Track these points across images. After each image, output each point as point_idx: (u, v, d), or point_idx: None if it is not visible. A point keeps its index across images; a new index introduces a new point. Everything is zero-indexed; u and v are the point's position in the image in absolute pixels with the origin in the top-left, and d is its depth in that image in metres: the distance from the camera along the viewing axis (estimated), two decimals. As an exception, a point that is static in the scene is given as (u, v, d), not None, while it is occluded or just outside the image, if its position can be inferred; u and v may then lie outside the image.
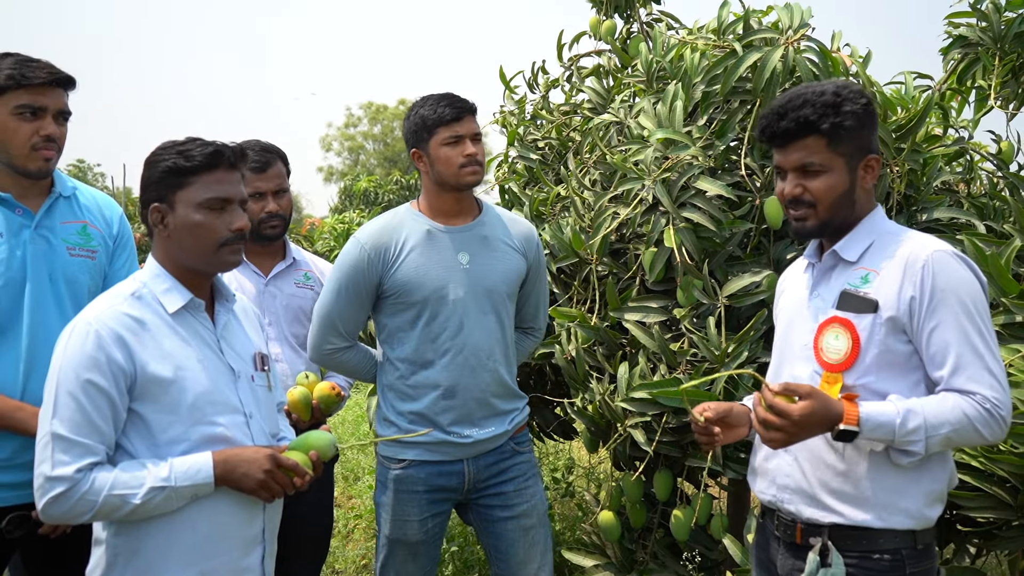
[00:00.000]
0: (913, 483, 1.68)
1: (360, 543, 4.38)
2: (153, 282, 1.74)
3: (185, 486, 1.63)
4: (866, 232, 1.78)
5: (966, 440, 1.63)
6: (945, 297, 1.64)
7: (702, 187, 2.69)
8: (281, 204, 2.65)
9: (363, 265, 2.33)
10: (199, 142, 1.73)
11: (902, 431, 1.60)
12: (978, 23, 3.16)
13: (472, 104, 2.36)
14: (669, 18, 3.90)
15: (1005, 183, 3.09)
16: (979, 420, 1.60)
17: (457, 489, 2.40)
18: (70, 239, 2.17)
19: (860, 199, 1.79)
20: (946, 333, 1.64)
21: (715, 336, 2.55)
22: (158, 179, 1.71)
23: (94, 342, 1.61)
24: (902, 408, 1.61)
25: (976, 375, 1.62)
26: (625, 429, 2.63)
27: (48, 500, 1.58)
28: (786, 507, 1.81)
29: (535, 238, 2.51)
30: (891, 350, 1.68)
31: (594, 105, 3.62)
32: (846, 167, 1.74)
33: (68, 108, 2.12)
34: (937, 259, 1.67)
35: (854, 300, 1.73)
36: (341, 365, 2.46)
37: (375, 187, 19.54)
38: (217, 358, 1.76)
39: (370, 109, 42.01)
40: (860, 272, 1.75)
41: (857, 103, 1.73)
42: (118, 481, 1.59)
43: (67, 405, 1.59)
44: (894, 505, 1.68)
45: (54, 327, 2.04)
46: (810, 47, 2.74)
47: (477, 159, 2.32)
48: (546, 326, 2.68)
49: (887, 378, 1.69)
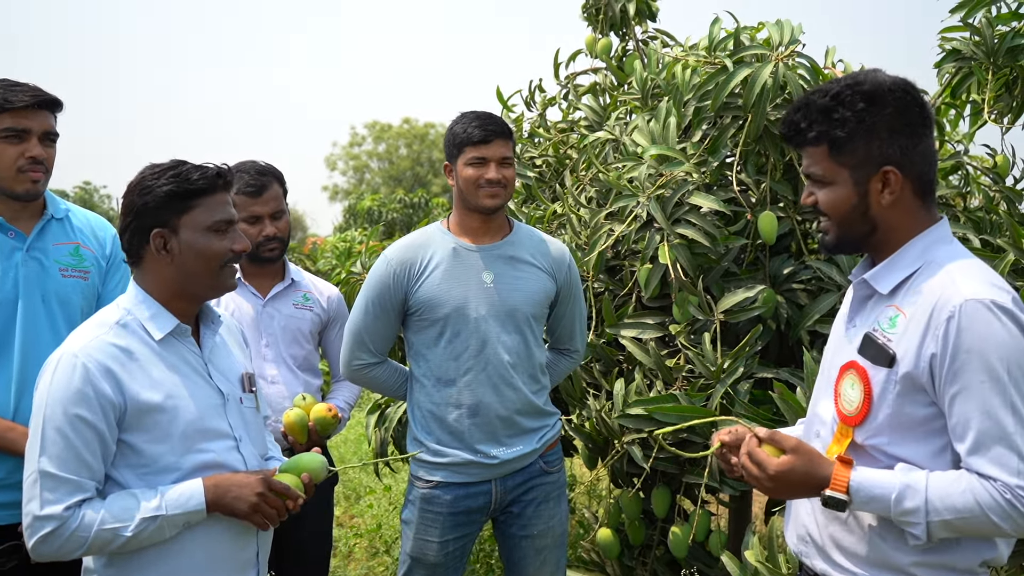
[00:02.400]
0: (934, 555, 1.45)
1: (361, 562, 4.37)
2: (137, 309, 1.70)
3: (177, 514, 1.61)
4: (912, 258, 1.50)
5: (979, 530, 1.39)
6: (970, 359, 1.37)
7: (696, 203, 2.69)
8: (279, 227, 2.63)
9: (389, 281, 2.35)
10: (191, 165, 1.72)
11: (897, 509, 1.39)
12: (971, 37, 3.17)
13: (505, 127, 2.36)
14: (664, 36, 3.93)
15: (1001, 197, 3.09)
16: (996, 511, 1.35)
17: (484, 510, 2.40)
18: (62, 260, 2.19)
19: (888, 216, 1.50)
20: (967, 404, 1.37)
21: (711, 352, 2.55)
22: (159, 204, 1.67)
23: (81, 375, 1.57)
24: (901, 483, 1.39)
25: (1000, 457, 1.35)
26: (622, 445, 2.62)
27: (38, 539, 1.56)
28: (806, 560, 1.63)
29: (566, 260, 2.48)
30: (907, 411, 1.45)
31: (590, 122, 3.64)
32: (852, 179, 1.50)
33: (55, 130, 2.15)
34: (968, 310, 1.37)
35: (873, 347, 1.49)
36: (371, 381, 2.48)
37: (379, 206, 19.62)
38: (206, 383, 1.75)
39: (374, 128, 42.27)
40: (891, 311, 1.49)
41: (854, 107, 1.47)
42: (108, 515, 1.57)
43: (54, 441, 1.56)
44: (910, 569, 1.46)
45: (47, 348, 2.02)
46: (801, 63, 2.76)
47: (499, 183, 2.33)
48: (585, 347, 2.64)
49: (902, 442, 1.46)
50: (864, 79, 1.50)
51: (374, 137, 42.52)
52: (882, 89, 1.48)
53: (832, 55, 3.00)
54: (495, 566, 4.06)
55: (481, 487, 2.37)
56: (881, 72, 1.54)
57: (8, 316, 2.10)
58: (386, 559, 4.36)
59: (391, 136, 42.25)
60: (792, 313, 2.72)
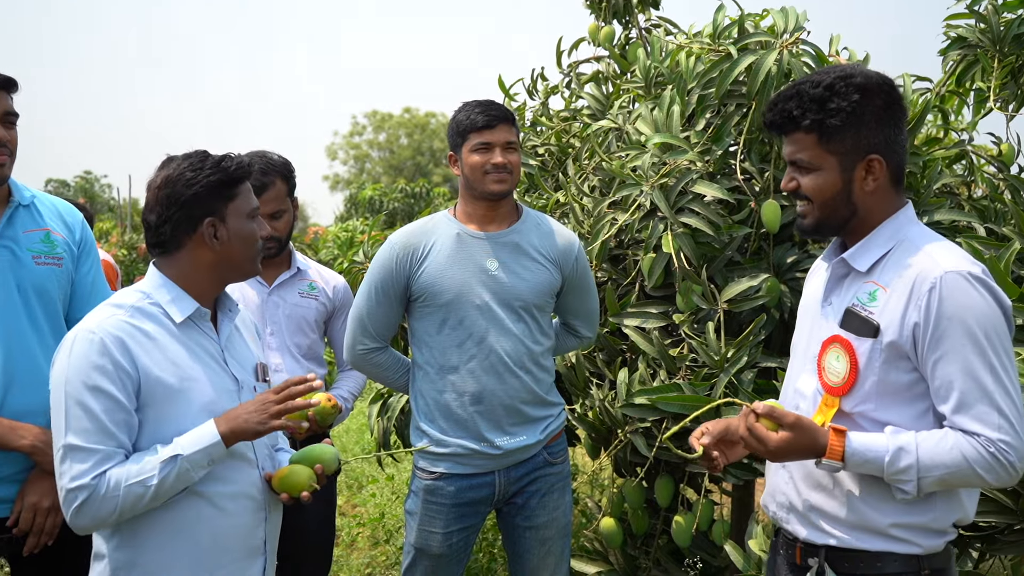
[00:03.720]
0: (911, 512, 1.56)
1: (364, 552, 4.38)
2: (158, 292, 1.72)
3: (195, 452, 1.61)
4: (885, 238, 1.61)
5: (966, 483, 1.50)
6: (951, 326, 1.48)
7: (700, 191, 2.68)
8: (278, 226, 2.64)
9: (392, 265, 2.36)
10: (220, 155, 1.77)
11: (891, 469, 1.49)
12: (977, 24, 3.16)
13: (507, 113, 2.37)
14: (667, 24, 3.91)
15: (1006, 185, 3.08)
16: (981, 464, 1.46)
17: (487, 501, 2.40)
18: (35, 247, 2.09)
19: (868, 201, 1.61)
20: (950, 366, 1.49)
21: (714, 341, 2.55)
22: (209, 193, 1.71)
23: (99, 348, 1.60)
24: (893, 445, 1.50)
25: (982, 414, 1.47)
26: (626, 435, 2.62)
27: (73, 511, 1.58)
28: (785, 526, 1.72)
29: (574, 251, 2.46)
30: (892, 378, 1.55)
31: (593, 111, 3.62)
32: (839, 166, 1.59)
33: (13, 110, 2.02)
34: (948, 282, 1.49)
35: (856, 320, 1.59)
36: (375, 367, 2.49)
37: (380, 195, 19.57)
38: (222, 369, 1.76)
39: (375, 118, 42.17)
40: (870, 287, 1.59)
41: (848, 98, 1.56)
42: (131, 471, 1.58)
43: (77, 416, 1.58)
44: (889, 531, 1.57)
45: (27, 339, 2.01)
46: (806, 50, 2.74)
47: (506, 168, 2.33)
48: (595, 335, 2.64)
49: (888, 406, 1.57)
50: (854, 71, 1.60)
51: (375, 126, 42.45)
52: (872, 82, 1.59)
53: (836, 43, 2.98)
54: (498, 555, 4.07)
55: (485, 478, 2.37)
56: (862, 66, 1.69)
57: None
58: (388, 548, 4.37)
59: (392, 125, 42.16)
60: (796, 302, 2.70)
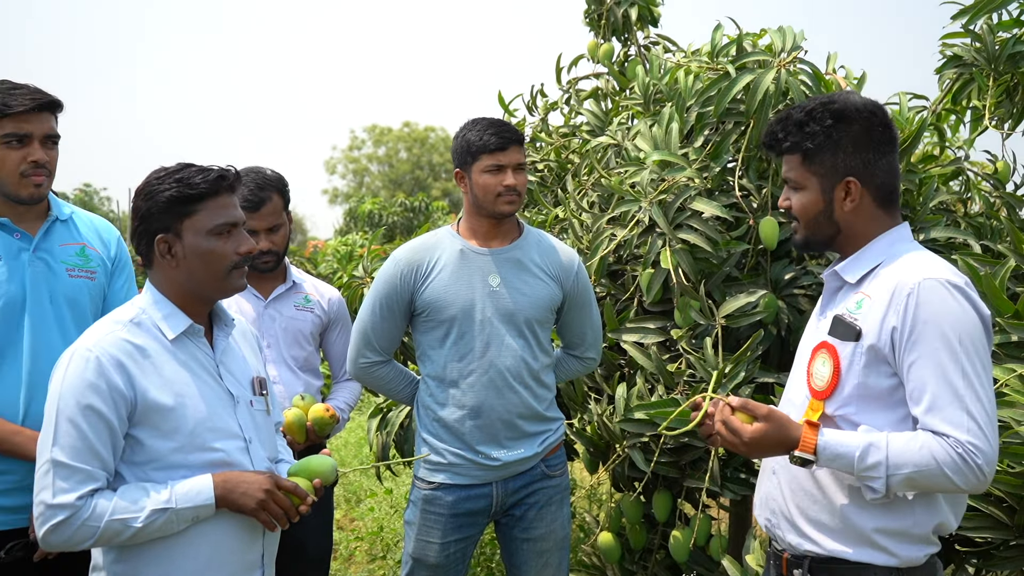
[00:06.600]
0: (893, 519, 1.59)
1: (362, 565, 4.37)
2: (152, 309, 1.73)
3: (186, 508, 1.63)
4: (875, 253, 1.68)
5: (935, 485, 1.53)
6: (927, 330, 1.53)
7: (698, 208, 2.71)
8: (275, 240, 2.67)
9: (396, 281, 2.38)
10: (195, 168, 1.73)
11: (860, 465, 1.52)
12: (972, 43, 3.19)
13: (518, 134, 2.39)
14: (666, 41, 3.95)
15: (1002, 203, 3.10)
16: (949, 465, 1.48)
17: (485, 512, 2.41)
18: (69, 260, 2.18)
19: (849, 219, 1.69)
20: (923, 370, 1.53)
21: (712, 357, 2.56)
22: (161, 209, 1.69)
23: (94, 368, 1.60)
24: (864, 441, 1.53)
25: (952, 417, 1.50)
26: (624, 450, 2.63)
27: (49, 528, 1.57)
28: (775, 532, 1.76)
29: (575, 267, 2.48)
30: (872, 382, 1.60)
31: (592, 127, 3.65)
32: (819, 187, 1.68)
33: (56, 132, 2.12)
34: (926, 288, 1.55)
35: (842, 326, 1.65)
36: (378, 381, 2.51)
37: (379, 209, 19.60)
38: (216, 384, 1.77)
39: (374, 132, 42.26)
40: (858, 297, 1.66)
41: (823, 123, 1.65)
42: (119, 506, 1.59)
43: (67, 432, 1.59)
44: (871, 539, 1.59)
45: (57, 349, 2.01)
46: (803, 69, 2.77)
47: (516, 189, 2.36)
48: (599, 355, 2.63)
49: (868, 411, 1.61)
50: (837, 99, 1.69)
51: (374, 140, 42.49)
52: (851, 109, 1.67)
53: (833, 61, 3.01)
54: (496, 570, 4.06)
55: (482, 489, 2.38)
56: (855, 94, 1.78)
57: (16, 317, 2.08)
58: (386, 563, 4.36)
59: (391, 139, 42.23)
60: (793, 318, 2.73)
